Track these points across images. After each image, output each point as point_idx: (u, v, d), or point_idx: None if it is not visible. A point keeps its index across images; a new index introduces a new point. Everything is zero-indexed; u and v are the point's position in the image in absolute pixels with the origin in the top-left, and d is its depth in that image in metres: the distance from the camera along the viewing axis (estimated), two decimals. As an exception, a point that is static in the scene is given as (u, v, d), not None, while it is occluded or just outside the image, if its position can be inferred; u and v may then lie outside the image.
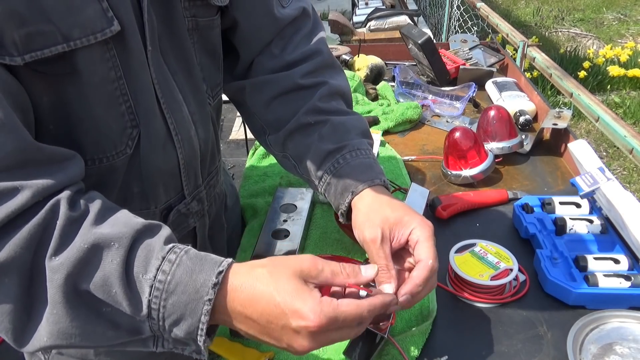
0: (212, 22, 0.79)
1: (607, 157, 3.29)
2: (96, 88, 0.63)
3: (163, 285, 0.55)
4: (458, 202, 1.06)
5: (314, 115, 0.80)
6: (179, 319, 0.55)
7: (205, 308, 0.55)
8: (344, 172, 0.76)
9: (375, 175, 0.76)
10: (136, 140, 0.70)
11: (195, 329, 0.56)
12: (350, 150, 0.77)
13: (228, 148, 3.35)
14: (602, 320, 0.78)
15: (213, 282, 0.55)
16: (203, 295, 0.55)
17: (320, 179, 0.79)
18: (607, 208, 0.96)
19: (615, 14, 5.83)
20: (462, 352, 0.78)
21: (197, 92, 0.78)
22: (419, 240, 0.69)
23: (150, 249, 0.57)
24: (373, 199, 0.73)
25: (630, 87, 4.03)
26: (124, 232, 0.56)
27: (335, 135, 0.79)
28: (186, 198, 0.81)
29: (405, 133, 1.42)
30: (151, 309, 0.55)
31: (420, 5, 4.70)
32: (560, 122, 1.24)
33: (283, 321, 0.55)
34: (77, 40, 0.59)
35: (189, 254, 0.57)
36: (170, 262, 0.56)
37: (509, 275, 0.84)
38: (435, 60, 1.59)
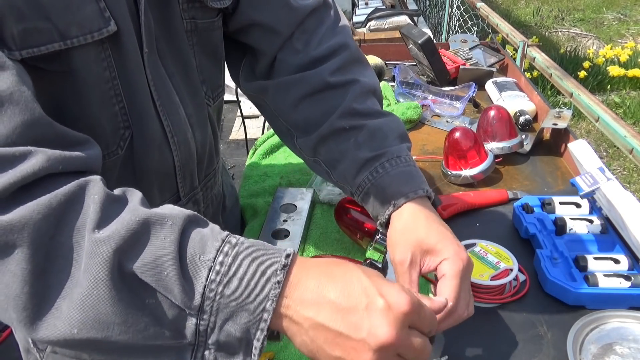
0: (212, 24, 0.78)
1: (607, 157, 3.29)
2: (91, 87, 0.63)
3: (223, 268, 0.48)
4: (458, 202, 1.06)
5: (348, 119, 0.75)
6: (237, 309, 0.48)
7: (273, 292, 0.48)
8: (384, 182, 0.72)
9: (417, 185, 0.71)
10: (128, 142, 0.69)
11: (257, 321, 0.48)
12: (390, 158, 0.73)
13: (228, 148, 3.36)
14: (602, 320, 0.78)
15: (282, 263, 0.49)
16: (270, 277, 0.49)
17: (358, 188, 0.74)
18: (607, 208, 0.96)
19: (615, 14, 5.83)
20: (462, 352, 0.78)
21: (194, 95, 0.77)
22: (446, 275, 0.65)
23: (206, 232, 0.51)
24: (410, 216, 0.69)
25: (630, 87, 4.03)
26: (176, 213, 0.51)
27: (372, 142, 0.74)
28: (182, 200, 0.81)
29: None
30: (205, 296, 0.48)
31: (420, 5, 4.70)
32: (560, 122, 1.24)
33: (369, 299, 0.48)
34: (74, 39, 0.59)
35: (249, 240, 0.52)
36: (231, 244, 0.50)
37: (509, 275, 0.84)
38: (435, 60, 1.59)
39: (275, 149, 1.31)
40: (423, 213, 0.70)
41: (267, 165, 1.26)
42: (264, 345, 0.49)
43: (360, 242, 0.94)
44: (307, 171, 1.20)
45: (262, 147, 1.33)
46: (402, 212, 0.70)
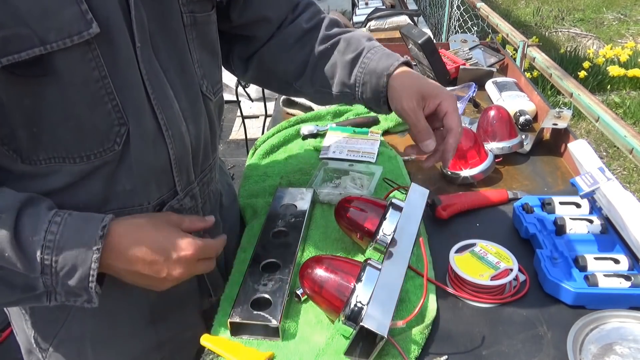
0: (208, 18, 0.81)
1: (607, 157, 3.29)
2: (78, 88, 0.65)
3: (53, 244, 0.64)
4: (458, 202, 1.06)
5: (326, 42, 0.92)
6: (70, 270, 0.65)
7: (95, 256, 0.66)
8: (373, 66, 0.87)
9: (397, 58, 0.87)
10: (125, 137, 0.71)
11: (87, 276, 0.66)
12: (369, 49, 0.89)
13: (228, 148, 3.36)
14: (602, 320, 0.78)
15: (99, 235, 0.66)
16: (92, 246, 0.65)
17: (355, 83, 0.89)
18: (607, 208, 0.96)
19: (615, 14, 5.83)
20: (462, 352, 0.78)
21: (189, 89, 0.79)
22: (447, 111, 0.82)
23: (37, 214, 0.65)
24: (404, 76, 0.85)
25: (630, 87, 4.03)
26: (9, 204, 0.64)
27: (351, 46, 0.90)
28: (179, 194, 0.83)
29: (405, 133, 1.42)
30: (44, 265, 0.64)
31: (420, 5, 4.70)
32: (560, 122, 1.24)
33: (166, 254, 0.70)
34: (54, 43, 0.60)
35: (73, 216, 0.67)
36: (56, 224, 0.65)
37: (509, 275, 0.84)
38: (435, 60, 1.59)
39: (275, 149, 1.31)
40: (412, 73, 0.87)
41: (267, 165, 1.26)
42: (99, 291, 0.69)
43: (360, 242, 0.94)
44: (307, 171, 1.20)
45: (262, 147, 1.33)
46: (395, 77, 0.86)
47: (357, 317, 0.71)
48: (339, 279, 0.78)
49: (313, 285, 0.79)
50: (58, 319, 0.83)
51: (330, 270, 0.79)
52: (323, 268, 0.79)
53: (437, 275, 0.90)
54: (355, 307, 0.72)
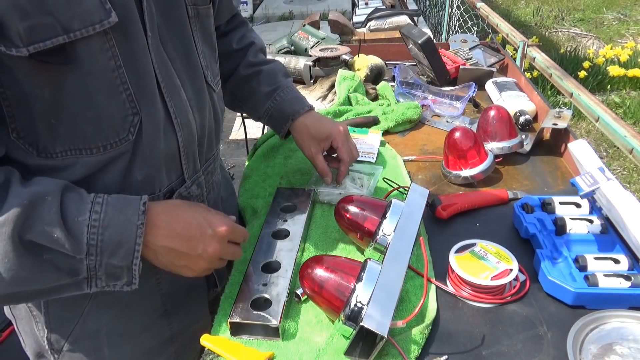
0: (208, 11, 0.86)
1: (607, 157, 3.29)
2: (97, 77, 0.67)
3: (98, 222, 0.67)
4: (458, 202, 1.06)
5: (250, 68, 1.08)
6: (116, 247, 0.67)
7: (139, 231, 0.69)
8: (282, 105, 1.06)
9: (304, 104, 1.07)
10: (138, 127, 0.73)
11: (132, 252, 0.68)
12: (283, 88, 1.07)
13: (228, 148, 3.36)
14: (602, 320, 0.78)
15: (141, 210, 0.69)
16: (135, 221, 0.69)
17: (264, 113, 1.08)
18: (607, 208, 0.96)
19: (615, 14, 5.83)
20: (462, 352, 0.78)
21: (194, 79, 0.82)
22: (338, 146, 1.05)
23: (79, 197, 0.68)
24: (303, 123, 1.06)
25: (630, 87, 4.03)
26: (52, 187, 0.67)
27: (269, 79, 1.08)
28: (186, 182, 0.85)
29: (405, 133, 1.42)
30: (89, 245, 0.66)
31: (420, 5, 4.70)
32: (560, 122, 1.24)
33: (202, 230, 0.74)
34: (77, 32, 0.62)
35: (112, 197, 0.70)
36: (99, 204, 0.68)
37: (509, 275, 0.84)
38: (435, 60, 1.59)
39: (275, 149, 1.31)
40: (312, 118, 1.07)
41: (267, 165, 1.26)
42: (140, 268, 0.70)
43: (360, 242, 0.94)
44: (307, 171, 1.20)
45: (262, 147, 1.33)
46: (298, 122, 1.06)
47: (357, 317, 0.71)
48: (339, 279, 0.78)
49: (313, 285, 0.79)
50: (74, 316, 0.84)
51: (330, 270, 0.79)
52: (323, 268, 0.79)
53: (437, 275, 0.90)
54: (355, 307, 0.72)
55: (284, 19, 5.42)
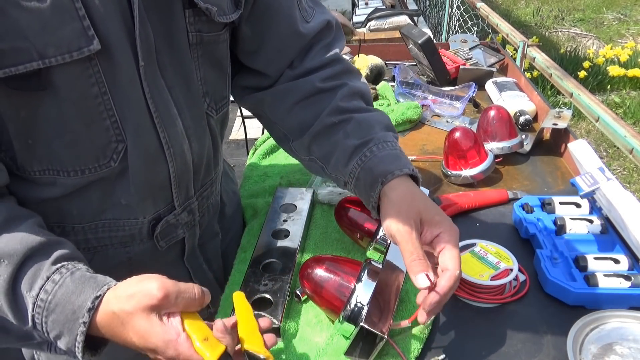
0: (217, 37, 0.78)
1: (607, 157, 3.29)
2: (75, 104, 0.64)
3: (44, 304, 0.60)
4: (458, 202, 1.06)
5: (337, 115, 0.81)
6: (58, 335, 0.60)
7: (81, 329, 0.59)
8: (372, 164, 0.75)
9: (403, 164, 0.75)
10: (122, 154, 0.70)
11: (73, 345, 0.60)
12: (377, 143, 0.77)
13: (228, 148, 3.36)
14: (602, 320, 0.78)
15: (88, 307, 0.59)
16: (79, 317, 0.59)
17: (349, 175, 0.78)
18: (607, 208, 0.96)
19: (615, 14, 5.83)
20: (462, 352, 0.78)
21: (194, 106, 0.77)
22: (447, 247, 0.68)
23: (39, 267, 0.61)
24: (404, 190, 0.72)
25: (630, 87, 4.03)
26: (16, 250, 0.60)
27: (360, 131, 0.79)
28: (176, 209, 0.81)
29: (405, 133, 1.42)
30: (35, 322, 0.60)
31: (420, 5, 4.70)
32: (560, 122, 1.24)
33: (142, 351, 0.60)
34: (52, 58, 0.59)
35: (74, 276, 0.61)
36: (53, 282, 0.60)
37: (509, 275, 0.84)
38: (435, 60, 1.59)
39: (275, 149, 1.31)
40: (414, 188, 0.74)
41: (267, 165, 1.26)
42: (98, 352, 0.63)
43: (360, 242, 0.94)
44: (307, 171, 1.20)
45: (262, 147, 1.33)
46: (393, 187, 0.73)
47: (357, 317, 0.71)
48: (339, 279, 0.78)
49: (313, 286, 0.79)
50: None
51: (330, 271, 0.79)
52: (323, 268, 0.79)
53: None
54: (355, 307, 0.72)
55: (284, 19, 5.41)
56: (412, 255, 0.67)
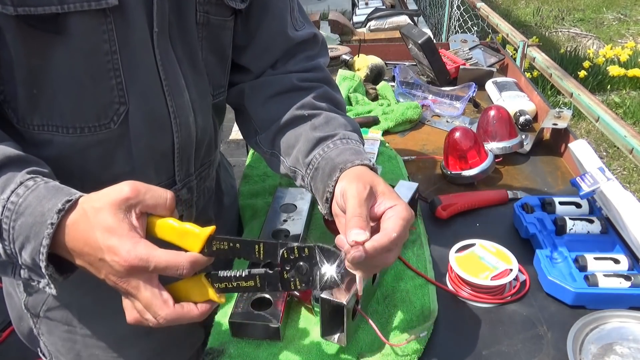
0: (224, 23, 0.80)
1: (607, 157, 3.29)
2: (86, 56, 0.64)
3: (14, 207, 0.57)
4: (458, 202, 1.06)
5: (307, 109, 0.81)
6: (24, 241, 0.57)
7: (47, 231, 0.56)
8: (334, 154, 0.74)
9: (364, 158, 0.73)
10: (123, 117, 0.70)
11: (37, 253, 0.57)
12: (342, 138, 0.76)
13: (228, 148, 3.35)
14: (602, 320, 0.78)
15: (58, 208, 0.57)
16: (47, 218, 0.56)
17: (309, 165, 0.76)
18: (607, 208, 0.96)
19: (615, 14, 5.83)
20: (462, 352, 0.78)
21: (199, 82, 0.79)
22: (393, 216, 0.64)
23: (13, 174, 0.59)
24: (363, 169, 0.70)
25: (630, 87, 4.03)
26: None
27: (327, 126, 0.79)
28: (177, 184, 0.82)
29: (405, 133, 1.42)
30: (2, 229, 0.57)
31: (420, 5, 4.70)
32: (560, 122, 1.24)
33: (100, 255, 0.56)
34: (71, 4, 0.60)
35: (48, 184, 0.59)
36: (26, 187, 0.58)
37: (509, 275, 0.84)
38: (435, 60, 1.59)
39: (275, 149, 1.31)
40: (373, 173, 0.70)
41: (267, 165, 1.26)
42: (55, 275, 0.59)
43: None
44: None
45: (262, 147, 1.33)
46: (351, 172, 0.70)
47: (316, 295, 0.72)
48: None
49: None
50: None
51: None
52: None
53: (437, 275, 0.90)
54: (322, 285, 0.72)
55: (284, 19, 5.41)
56: (354, 211, 0.63)
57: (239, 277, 0.61)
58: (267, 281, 0.61)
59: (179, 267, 0.57)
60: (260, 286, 0.61)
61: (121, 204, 0.57)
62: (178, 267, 0.57)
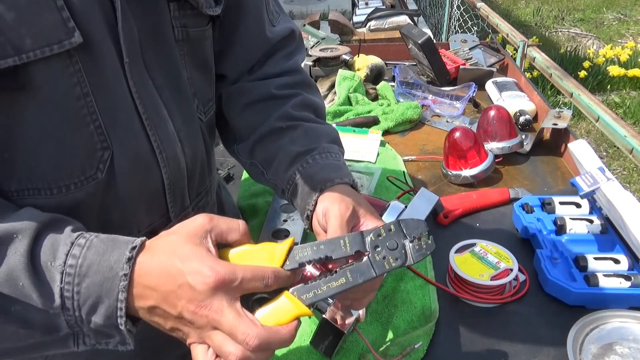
0: (203, 33, 0.74)
1: (607, 157, 3.29)
2: (57, 106, 0.57)
3: (74, 270, 0.53)
4: (460, 208, 1.06)
5: (285, 121, 0.79)
6: (95, 303, 0.53)
7: (122, 284, 0.53)
8: (313, 171, 0.73)
9: (344, 174, 0.73)
10: (108, 163, 0.64)
11: (114, 310, 0.53)
12: (321, 152, 0.75)
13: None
14: (602, 320, 0.78)
15: (127, 257, 0.53)
16: (118, 271, 0.53)
17: (288, 181, 0.75)
18: (607, 208, 0.96)
19: (615, 14, 5.83)
20: (462, 352, 0.78)
21: (185, 107, 0.73)
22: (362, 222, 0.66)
23: (57, 237, 0.55)
24: (345, 188, 0.70)
25: (630, 87, 4.03)
26: (27, 224, 0.54)
27: (306, 139, 0.77)
28: (172, 221, 0.75)
29: (405, 133, 1.42)
30: (64, 297, 0.52)
31: (420, 5, 4.70)
32: (560, 122, 1.24)
33: (180, 280, 0.53)
34: (30, 53, 0.53)
35: (100, 237, 0.55)
36: (80, 246, 0.54)
37: (509, 275, 0.84)
38: (435, 60, 1.59)
39: (275, 149, 1.31)
40: (355, 192, 0.70)
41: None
42: (132, 329, 0.54)
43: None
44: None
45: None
46: (332, 191, 0.69)
47: (322, 309, 0.73)
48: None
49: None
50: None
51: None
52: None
53: (437, 275, 0.90)
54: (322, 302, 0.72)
55: (284, 19, 5.43)
56: (335, 233, 0.64)
57: (327, 279, 0.57)
58: (358, 273, 0.57)
59: (265, 277, 0.55)
60: (353, 279, 0.57)
61: (197, 232, 0.55)
62: (264, 277, 0.55)
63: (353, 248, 0.58)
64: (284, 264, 0.57)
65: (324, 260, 0.58)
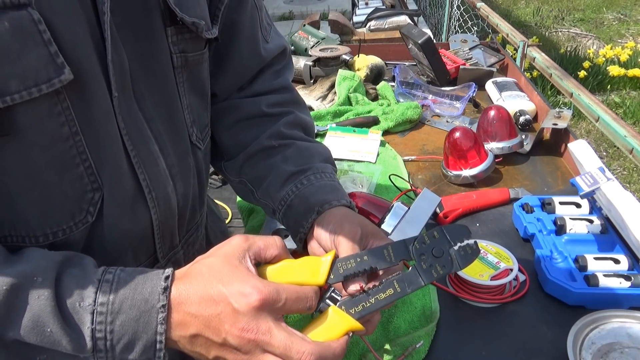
0: (201, 57, 0.70)
1: (607, 157, 3.29)
2: (44, 149, 0.52)
3: (106, 308, 0.49)
4: (461, 208, 1.06)
5: (277, 139, 0.76)
6: (132, 340, 0.50)
7: (160, 316, 0.50)
8: (308, 192, 0.71)
9: (341, 196, 0.71)
10: (99, 205, 0.59)
11: (153, 344, 0.50)
12: (315, 172, 0.73)
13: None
14: (602, 320, 0.78)
15: (162, 287, 0.51)
16: (155, 303, 0.50)
17: (281, 201, 0.73)
18: (607, 208, 0.96)
19: (615, 14, 5.83)
20: (462, 352, 0.78)
21: (178, 140, 0.68)
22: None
23: (81, 275, 0.51)
24: (345, 211, 0.68)
25: (630, 87, 4.03)
26: (44, 265, 0.50)
27: (299, 158, 0.75)
28: (160, 261, 0.71)
29: (405, 133, 1.42)
30: (96, 339, 0.49)
31: (420, 5, 4.70)
32: (560, 122, 1.24)
33: (223, 304, 0.51)
34: (15, 95, 0.47)
35: (126, 271, 0.53)
36: (108, 282, 0.51)
37: (509, 275, 0.84)
38: (435, 60, 1.59)
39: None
40: (355, 214, 0.69)
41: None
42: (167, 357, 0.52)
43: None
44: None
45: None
46: (330, 214, 0.68)
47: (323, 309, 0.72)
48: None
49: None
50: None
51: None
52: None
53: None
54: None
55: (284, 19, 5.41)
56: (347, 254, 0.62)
57: (375, 291, 0.56)
58: (406, 282, 0.57)
59: (308, 298, 0.54)
60: (401, 290, 0.56)
61: (235, 252, 0.54)
62: (307, 297, 0.53)
63: (398, 257, 0.57)
64: (327, 278, 0.56)
65: (368, 272, 0.57)
